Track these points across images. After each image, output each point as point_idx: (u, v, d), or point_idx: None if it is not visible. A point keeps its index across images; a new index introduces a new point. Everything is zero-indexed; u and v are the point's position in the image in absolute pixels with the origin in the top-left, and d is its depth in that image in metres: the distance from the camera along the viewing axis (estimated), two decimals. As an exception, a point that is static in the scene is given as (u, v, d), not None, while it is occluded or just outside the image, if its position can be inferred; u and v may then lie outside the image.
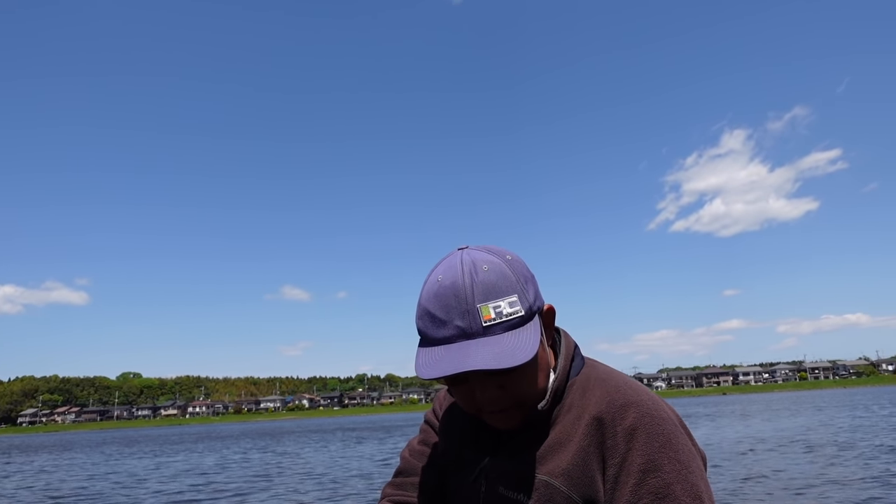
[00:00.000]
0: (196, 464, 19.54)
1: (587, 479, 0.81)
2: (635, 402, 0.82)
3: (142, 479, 15.61)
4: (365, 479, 12.78)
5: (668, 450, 0.77)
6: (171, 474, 16.35)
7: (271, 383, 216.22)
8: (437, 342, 0.82)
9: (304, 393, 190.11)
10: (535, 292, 0.87)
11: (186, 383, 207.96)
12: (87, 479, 16.23)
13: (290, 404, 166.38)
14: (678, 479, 0.75)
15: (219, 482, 13.66)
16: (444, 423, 1.07)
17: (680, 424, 0.83)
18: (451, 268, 0.85)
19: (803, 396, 71.94)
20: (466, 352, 0.78)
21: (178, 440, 42.71)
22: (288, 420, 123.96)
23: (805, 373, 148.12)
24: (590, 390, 0.87)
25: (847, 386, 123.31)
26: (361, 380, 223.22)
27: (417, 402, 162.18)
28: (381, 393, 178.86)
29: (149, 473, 17.04)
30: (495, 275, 0.83)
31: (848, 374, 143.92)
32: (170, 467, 18.71)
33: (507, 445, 0.90)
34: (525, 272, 0.87)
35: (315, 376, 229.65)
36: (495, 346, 0.78)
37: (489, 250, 0.88)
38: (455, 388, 0.87)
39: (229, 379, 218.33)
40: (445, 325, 0.81)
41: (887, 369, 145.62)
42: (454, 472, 0.99)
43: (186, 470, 17.39)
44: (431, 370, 0.79)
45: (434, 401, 1.14)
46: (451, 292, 0.82)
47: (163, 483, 14.21)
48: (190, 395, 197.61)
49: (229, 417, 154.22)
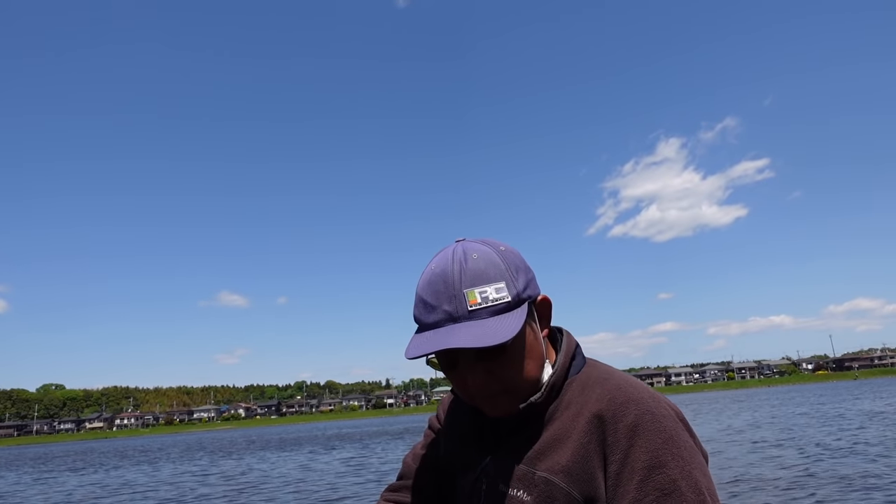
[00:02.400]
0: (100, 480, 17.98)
1: (587, 475, 0.81)
2: (636, 399, 0.82)
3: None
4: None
5: (671, 446, 0.78)
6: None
7: (205, 392, 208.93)
8: (428, 327, 0.85)
9: (241, 402, 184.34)
10: (528, 282, 0.88)
11: (114, 394, 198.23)
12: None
13: (226, 413, 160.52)
14: (682, 476, 0.76)
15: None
16: (446, 425, 1.09)
17: (681, 421, 0.83)
18: (444, 257, 0.88)
19: (729, 395, 74.44)
20: (450, 333, 0.81)
21: (94, 455, 40.03)
22: (223, 431, 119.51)
23: (733, 373, 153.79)
24: (590, 388, 0.87)
25: (771, 385, 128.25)
26: (300, 387, 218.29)
27: (358, 408, 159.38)
28: (320, 400, 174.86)
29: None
30: (484, 262, 0.85)
31: (772, 373, 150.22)
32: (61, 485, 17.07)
33: (508, 443, 0.91)
34: (518, 262, 0.89)
35: (252, 384, 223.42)
36: (477, 328, 0.80)
37: (484, 242, 0.91)
38: (449, 374, 0.89)
39: (160, 389, 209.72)
40: (435, 311, 0.84)
41: (807, 368, 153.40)
42: (458, 472, 1.00)
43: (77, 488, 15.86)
44: (415, 350, 0.82)
45: (438, 406, 1.16)
46: (441, 279, 0.85)
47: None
48: (118, 406, 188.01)
49: (160, 429, 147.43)
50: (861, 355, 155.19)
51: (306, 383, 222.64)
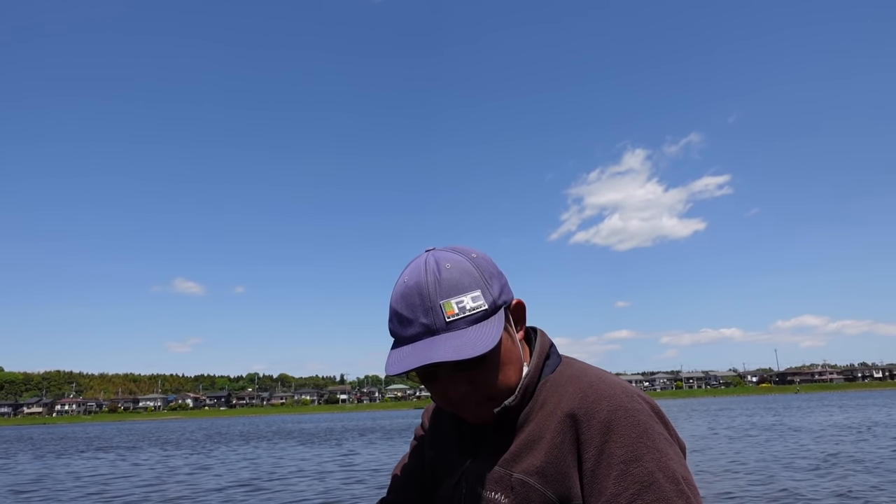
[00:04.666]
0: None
1: (561, 475, 0.82)
2: (608, 395, 0.82)
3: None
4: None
5: (646, 439, 0.78)
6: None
7: (153, 381, 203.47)
8: (406, 341, 0.84)
9: (189, 392, 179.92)
10: (502, 288, 0.89)
11: (56, 379, 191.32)
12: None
13: (173, 403, 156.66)
14: (659, 468, 0.76)
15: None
16: (430, 433, 1.09)
17: (656, 414, 0.83)
18: (416, 269, 0.87)
19: (677, 404, 76.19)
20: (430, 346, 0.80)
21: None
22: (169, 420, 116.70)
23: (681, 382, 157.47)
24: (563, 387, 0.88)
25: (717, 395, 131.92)
26: (252, 379, 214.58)
27: (310, 403, 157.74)
28: (272, 393, 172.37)
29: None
30: (458, 272, 0.85)
31: (718, 384, 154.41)
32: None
33: (486, 447, 0.91)
34: (490, 269, 0.89)
35: (203, 374, 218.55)
36: (457, 340, 0.80)
37: (454, 250, 0.90)
38: (428, 386, 0.88)
39: (106, 375, 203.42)
40: (412, 324, 0.83)
41: (751, 380, 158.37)
42: (440, 478, 1.01)
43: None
44: (396, 367, 0.81)
45: (423, 414, 1.16)
46: (416, 291, 0.84)
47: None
48: (59, 391, 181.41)
49: (103, 416, 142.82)
50: (803, 370, 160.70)
51: (259, 375, 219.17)
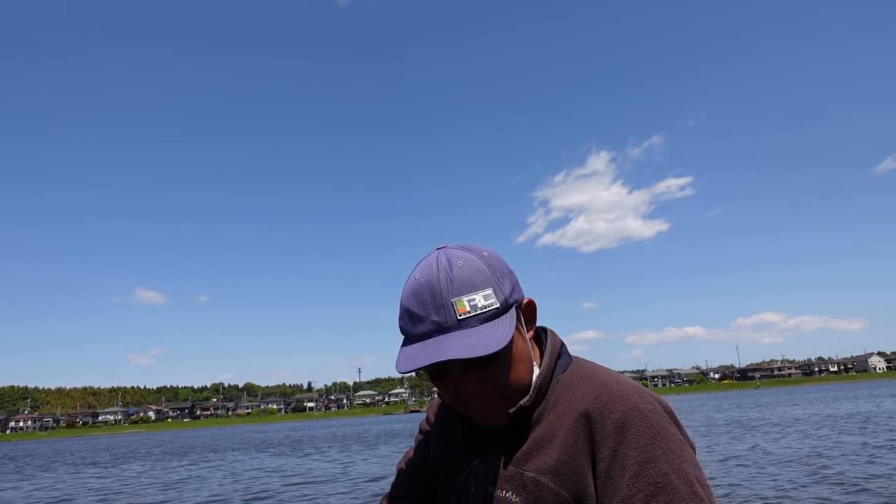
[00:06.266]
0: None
1: (575, 474, 0.81)
2: (622, 396, 0.82)
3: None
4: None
5: (660, 441, 0.78)
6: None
7: (113, 394, 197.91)
8: (416, 338, 0.84)
9: (151, 404, 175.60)
10: (513, 286, 0.89)
11: (10, 394, 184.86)
12: None
13: (134, 416, 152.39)
14: (673, 469, 0.76)
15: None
16: (436, 429, 1.08)
17: (668, 415, 0.83)
18: (428, 266, 0.87)
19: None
20: (441, 344, 0.80)
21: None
22: (129, 434, 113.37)
23: (646, 381, 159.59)
24: (575, 386, 0.88)
25: (680, 392, 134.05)
26: (217, 389, 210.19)
27: (276, 412, 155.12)
28: (237, 403, 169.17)
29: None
30: (470, 270, 0.85)
31: (682, 381, 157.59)
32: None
33: (496, 445, 0.90)
34: (502, 267, 0.89)
35: (166, 386, 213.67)
36: (469, 338, 0.79)
37: (466, 248, 0.90)
38: (438, 384, 0.88)
39: (63, 389, 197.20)
40: (423, 321, 0.83)
41: (714, 377, 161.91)
42: (446, 475, 1.00)
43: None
44: (407, 364, 0.81)
45: (428, 409, 1.15)
46: (427, 289, 0.84)
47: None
48: (13, 407, 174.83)
49: (60, 432, 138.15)
50: (763, 366, 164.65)
51: (224, 385, 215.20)
